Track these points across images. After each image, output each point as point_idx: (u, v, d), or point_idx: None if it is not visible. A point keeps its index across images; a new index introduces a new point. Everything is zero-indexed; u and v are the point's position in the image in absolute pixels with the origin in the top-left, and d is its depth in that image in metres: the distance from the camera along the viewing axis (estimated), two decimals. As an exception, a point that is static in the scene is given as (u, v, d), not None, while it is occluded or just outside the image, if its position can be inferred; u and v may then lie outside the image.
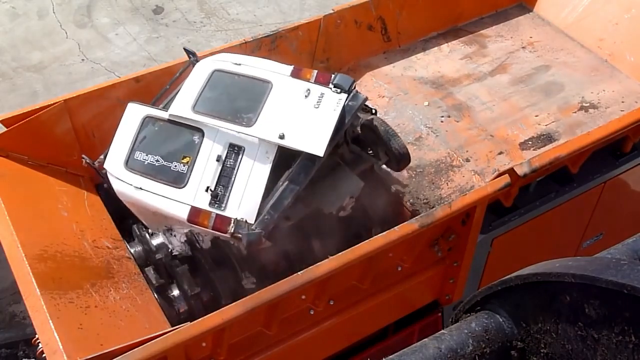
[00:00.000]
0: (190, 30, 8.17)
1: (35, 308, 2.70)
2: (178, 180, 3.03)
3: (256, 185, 2.97)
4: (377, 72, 4.62)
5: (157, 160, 3.07)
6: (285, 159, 3.08)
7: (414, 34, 4.83)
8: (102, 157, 3.28)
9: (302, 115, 3.09)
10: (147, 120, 3.18)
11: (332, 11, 4.41)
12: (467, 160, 3.95)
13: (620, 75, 4.56)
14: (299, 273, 2.90)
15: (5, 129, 3.45)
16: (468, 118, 4.25)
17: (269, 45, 4.14)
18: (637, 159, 4.22)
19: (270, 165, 3.00)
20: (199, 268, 3.40)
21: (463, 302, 1.67)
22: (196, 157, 3.03)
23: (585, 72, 4.59)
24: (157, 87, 3.75)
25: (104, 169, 3.22)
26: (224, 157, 3.02)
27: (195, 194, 2.99)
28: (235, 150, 3.02)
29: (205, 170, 3.01)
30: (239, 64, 3.29)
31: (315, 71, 3.29)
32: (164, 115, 3.19)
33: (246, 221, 2.94)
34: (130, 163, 3.10)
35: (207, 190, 2.98)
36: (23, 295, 2.78)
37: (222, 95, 3.19)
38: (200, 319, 2.74)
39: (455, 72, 4.63)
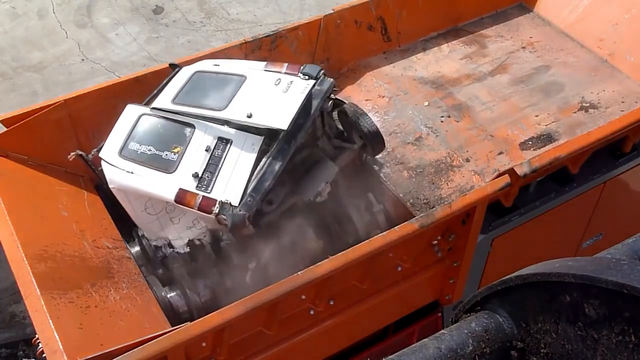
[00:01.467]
0: (190, 30, 8.17)
1: (35, 308, 2.70)
2: (168, 167, 3.19)
3: (241, 171, 3.17)
4: (377, 72, 4.62)
5: (150, 150, 3.23)
6: (269, 146, 3.26)
7: (414, 34, 4.83)
8: (94, 150, 3.38)
9: (271, 99, 3.32)
10: (143, 117, 3.36)
11: (332, 11, 4.40)
12: (467, 160, 3.95)
13: (620, 75, 4.55)
14: (298, 273, 2.91)
15: (5, 129, 3.45)
16: (468, 118, 4.25)
17: (269, 45, 4.14)
18: (637, 159, 4.22)
19: (256, 155, 3.20)
20: (199, 268, 3.41)
21: (463, 302, 1.67)
22: (186, 147, 3.22)
23: (585, 72, 4.59)
24: (156, 87, 3.76)
25: (100, 158, 3.31)
26: (212, 148, 3.21)
27: (183, 178, 3.15)
28: (223, 142, 3.23)
29: (194, 158, 3.19)
30: (218, 65, 3.55)
31: (286, 64, 3.50)
32: (159, 113, 3.37)
33: (230, 203, 3.08)
34: (124, 152, 3.26)
35: (195, 176, 3.15)
36: (23, 295, 2.78)
37: (200, 90, 3.44)
38: (200, 319, 2.74)
39: (455, 72, 4.63)
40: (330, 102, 3.56)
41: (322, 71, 3.45)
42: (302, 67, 3.44)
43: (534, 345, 1.49)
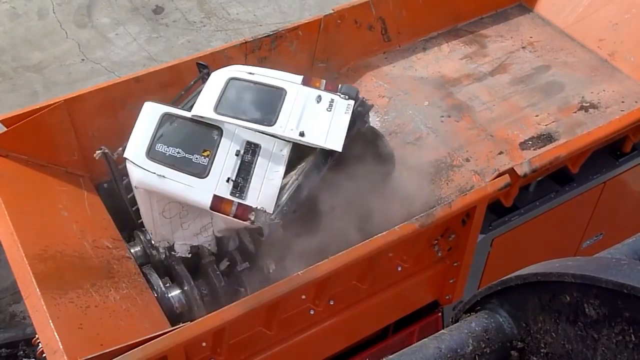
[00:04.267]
0: (190, 30, 8.17)
1: (35, 308, 2.70)
2: (200, 171, 3.12)
3: (273, 178, 3.14)
4: (377, 72, 4.62)
5: (179, 152, 3.14)
6: (297, 156, 3.25)
7: (414, 34, 4.83)
8: (120, 149, 3.25)
9: (317, 117, 3.29)
10: (166, 117, 3.25)
11: (332, 11, 4.40)
12: (467, 160, 3.95)
13: (620, 75, 4.55)
14: (298, 273, 2.91)
15: (5, 129, 3.45)
16: (468, 118, 4.25)
17: (269, 45, 4.14)
18: (637, 159, 4.22)
19: (285, 161, 3.18)
20: (199, 268, 3.41)
21: (463, 302, 1.67)
22: (216, 152, 3.15)
23: (585, 72, 4.59)
24: (157, 87, 3.76)
25: (124, 159, 3.19)
26: (242, 152, 3.16)
27: (217, 183, 3.10)
28: (252, 147, 3.18)
29: (225, 163, 3.13)
30: (252, 73, 3.44)
31: (324, 80, 3.47)
32: (183, 113, 3.27)
33: (265, 211, 3.07)
34: (151, 153, 3.15)
35: (228, 181, 3.10)
36: (23, 295, 2.79)
37: (240, 99, 3.34)
38: (200, 319, 2.74)
39: (455, 72, 4.63)
40: (367, 124, 3.55)
41: (359, 92, 3.47)
42: (340, 87, 3.44)
43: (534, 345, 1.49)
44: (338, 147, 3.19)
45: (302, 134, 3.19)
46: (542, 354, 1.47)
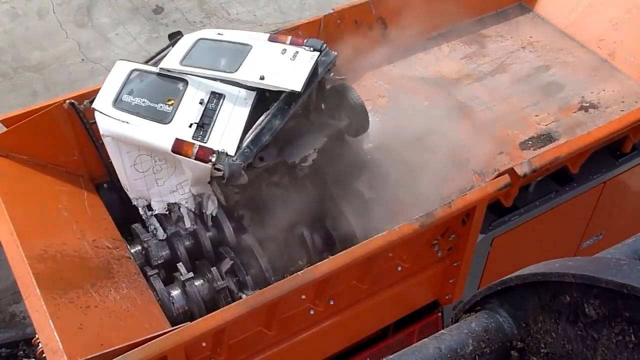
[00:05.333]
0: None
1: (35, 308, 2.70)
2: (164, 118, 3.25)
3: (236, 123, 3.23)
4: (377, 72, 4.61)
5: (144, 102, 3.29)
6: (263, 104, 3.33)
7: (414, 34, 4.82)
8: (86, 102, 3.44)
9: (280, 64, 3.39)
10: (134, 72, 3.42)
11: (332, 11, 4.40)
12: (467, 160, 3.95)
13: (620, 75, 4.55)
14: (298, 273, 2.91)
15: (5, 129, 3.45)
16: (468, 118, 4.25)
17: (269, 45, 4.13)
18: (637, 159, 4.22)
19: (249, 108, 3.27)
20: (199, 268, 3.41)
21: (463, 302, 1.67)
22: (180, 100, 3.28)
23: (585, 72, 4.59)
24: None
25: (93, 110, 3.34)
26: (206, 101, 3.28)
27: (179, 129, 3.21)
28: (216, 96, 3.30)
29: (189, 110, 3.25)
30: (221, 34, 3.62)
31: (290, 36, 3.57)
32: (151, 69, 3.44)
33: (227, 153, 3.14)
34: (118, 103, 3.31)
35: (190, 126, 3.21)
36: (23, 295, 2.78)
37: (206, 54, 3.49)
38: (200, 319, 2.74)
39: (455, 72, 4.63)
40: (332, 74, 3.62)
41: (325, 44, 3.52)
42: (305, 40, 3.52)
43: (534, 345, 1.49)
44: (298, 87, 3.24)
45: (262, 78, 3.27)
46: (542, 354, 1.47)
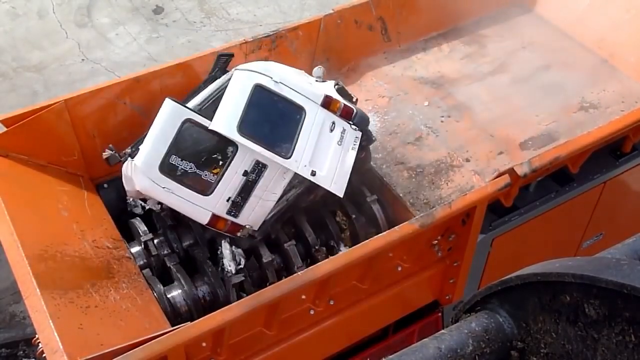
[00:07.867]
0: (190, 30, 8.18)
1: (35, 308, 2.70)
2: (206, 189, 3.20)
3: (268, 200, 3.29)
4: (377, 72, 4.61)
5: (191, 168, 3.19)
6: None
7: (414, 34, 4.82)
8: (128, 149, 3.25)
9: (328, 151, 3.39)
10: (188, 124, 3.19)
11: (332, 11, 4.39)
12: (467, 160, 3.95)
13: (620, 75, 4.55)
14: (299, 273, 2.91)
15: (5, 129, 3.45)
16: (468, 118, 4.25)
17: (269, 45, 4.14)
18: (637, 159, 4.22)
19: (285, 185, 3.31)
20: (199, 268, 3.41)
21: (463, 302, 1.67)
22: (226, 170, 3.21)
23: (585, 72, 4.59)
24: (157, 86, 3.76)
25: (133, 164, 3.17)
26: (249, 172, 3.24)
27: (217, 202, 3.21)
28: (259, 167, 3.25)
29: (231, 182, 3.22)
30: (277, 82, 3.35)
31: (342, 104, 3.46)
32: (204, 122, 3.19)
33: (252, 228, 3.30)
34: (164, 167, 3.15)
35: (228, 200, 3.22)
36: (23, 295, 2.78)
37: (262, 118, 3.32)
38: (200, 319, 2.74)
39: (455, 72, 4.63)
40: (364, 153, 3.65)
41: (368, 122, 3.56)
42: (354, 113, 3.46)
43: (534, 345, 1.49)
44: (340, 193, 3.35)
45: (313, 174, 3.29)
46: (542, 354, 1.47)
